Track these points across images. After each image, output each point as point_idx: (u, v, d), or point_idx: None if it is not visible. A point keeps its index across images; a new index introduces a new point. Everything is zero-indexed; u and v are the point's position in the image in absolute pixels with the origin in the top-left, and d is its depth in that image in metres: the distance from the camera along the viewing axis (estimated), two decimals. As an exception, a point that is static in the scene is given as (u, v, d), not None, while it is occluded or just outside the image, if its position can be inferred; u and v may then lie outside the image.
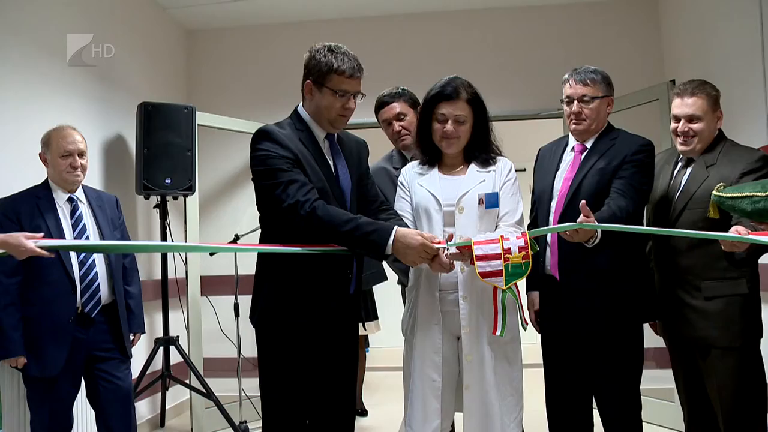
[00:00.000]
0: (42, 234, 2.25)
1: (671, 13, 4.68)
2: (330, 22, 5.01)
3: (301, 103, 2.40)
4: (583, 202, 2.21)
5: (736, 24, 3.71)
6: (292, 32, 5.07)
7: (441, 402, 2.42)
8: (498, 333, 2.25)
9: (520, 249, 2.17)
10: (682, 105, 2.59)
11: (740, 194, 1.70)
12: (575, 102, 2.59)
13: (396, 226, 2.18)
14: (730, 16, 3.79)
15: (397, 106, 3.05)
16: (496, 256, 2.16)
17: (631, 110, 4.27)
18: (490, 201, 2.44)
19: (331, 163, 2.35)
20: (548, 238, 2.60)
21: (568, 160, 2.66)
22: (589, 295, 2.51)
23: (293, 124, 2.35)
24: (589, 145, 2.64)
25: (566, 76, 2.66)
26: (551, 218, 2.62)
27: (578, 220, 2.19)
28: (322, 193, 2.23)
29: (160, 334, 4.09)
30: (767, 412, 2.54)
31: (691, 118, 2.56)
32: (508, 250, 2.15)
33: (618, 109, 4.24)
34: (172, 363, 4.06)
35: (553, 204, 2.61)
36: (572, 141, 2.69)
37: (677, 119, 2.61)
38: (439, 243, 2.24)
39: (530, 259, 2.18)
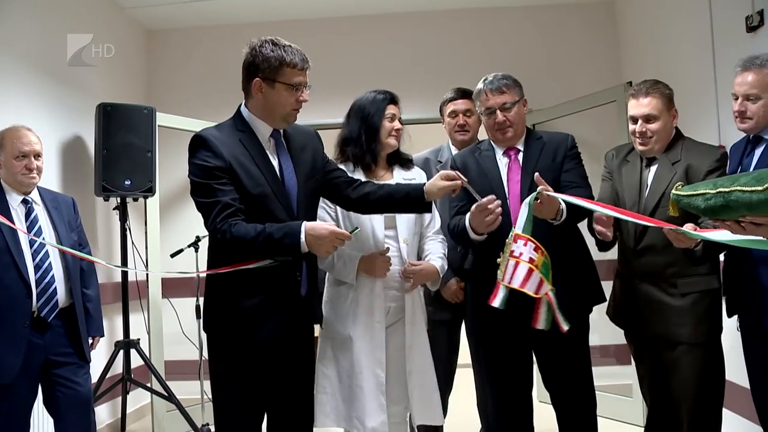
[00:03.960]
0: None
1: (628, 16, 4.76)
2: (291, 22, 5.00)
3: (243, 103, 2.34)
4: (537, 174, 2.35)
5: (688, 28, 3.80)
6: (254, 33, 4.64)
7: (386, 397, 2.55)
8: (565, 328, 2.31)
9: (536, 250, 2.26)
10: (638, 106, 2.63)
11: (695, 192, 1.75)
12: (498, 112, 2.64)
13: (304, 222, 2.15)
14: (683, 20, 3.88)
15: (466, 103, 3.21)
16: (529, 273, 2.24)
17: (588, 111, 4.34)
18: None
19: (276, 163, 2.30)
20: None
21: (504, 163, 2.69)
22: (563, 290, 2.50)
23: (234, 125, 2.30)
24: (520, 146, 2.70)
25: (479, 86, 2.70)
26: (510, 219, 2.60)
27: (538, 189, 2.31)
28: (262, 197, 2.21)
29: (120, 337, 4.03)
30: (722, 404, 2.61)
31: (647, 118, 2.60)
32: (531, 260, 2.24)
33: (576, 110, 4.46)
34: (132, 366, 4.00)
35: (509, 204, 2.61)
36: (498, 148, 2.73)
37: (634, 120, 2.65)
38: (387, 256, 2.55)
39: (545, 251, 2.27)
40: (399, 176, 2.72)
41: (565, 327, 2.29)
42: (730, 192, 1.61)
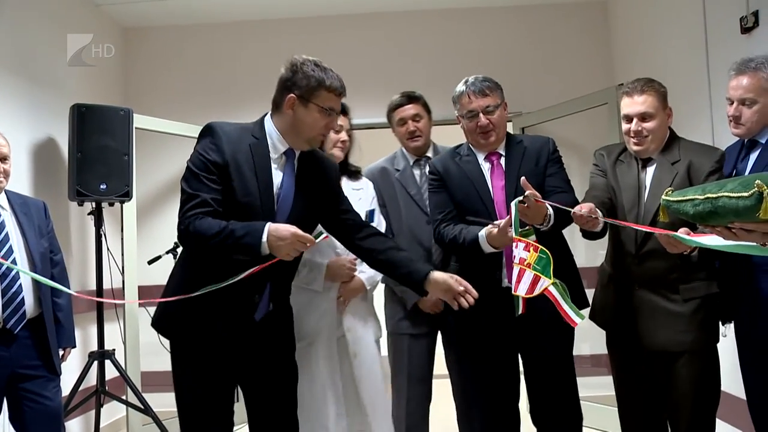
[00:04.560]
0: None
1: (620, 17, 4.76)
2: (275, 21, 4.96)
3: (269, 113, 2.32)
4: (524, 178, 2.31)
5: (682, 29, 3.80)
6: (235, 31, 5.00)
7: (344, 404, 2.68)
8: (578, 321, 2.19)
9: (527, 247, 2.21)
10: (633, 104, 2.56)
11: (684, 198, 1.75)
12: (480, 115, 2.60)
13: (269, 223, 2.12)
14: (676, 21, 3.87)
15: (413, 108, 3.13)
16: (521, 273, 2.20)
17: (579, 114, 4.34)
18: (371, 218, 2.83)
19: (278, 180, 2.26)
20: (504, 251, 2.57)
21: (487, 168, 2.67)
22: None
23: (251, 130, 2.28)
24: (502, 151, 2.68)
25: (461, 88, 2.65)
26: None
27: (526, 193, 2.28)
28: (248, 207, 2.18)
29: (94, 347, 3.94)
30: (716, 413, 2.59)
31: (643, 117, 2.54)
32: (522, 260, 2.21)
33: (567, 113, 4.45)
34: (107, 378, 3.90)
35: (495, 211, 2.59)
36: (479, 152, 2.69)
37: (629, 119, 2.58)
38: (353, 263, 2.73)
39: (539, 246, 2.21)
40: (347, 187, 2.73)
41: (576, 320, 2.17)
42: (718, 198, 1.60)
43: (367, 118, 3.87)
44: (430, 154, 3.14)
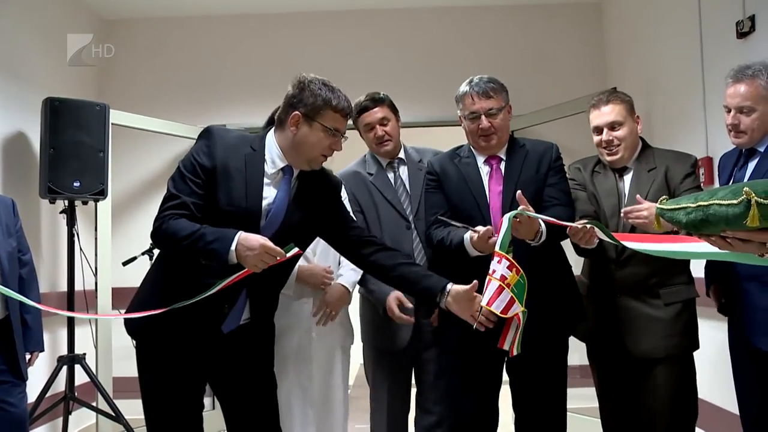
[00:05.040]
0: None
1: (614, 19, 4.76)
2: (260, 16, 4.88)
3: (272, 129, 2.29)
4: (519, 192, 2.31)
5: (677, 33, 3.79)
6: (218, 25, 4.94)
7: (313, 408, 2.73)
8: (515, 352, 2.24)
9: (510, 268, 2.18)
10: (601, 115, 2.66)
11: (677, 206, 1.74)
12: (483, 117, 2.56)
13: (240, 232, 2.09)
14: (671, 25, 3.88)
15: (379, 111, 3.00)
16: (499, 291, 2.17)
17: (572, 117, 4.32)
18: None
19: (272, 196, 2.23)
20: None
21: (486, 172, 2.63)
22: (544, 307, 2.47)
23: (252, 141, 2.27)
24: (503, 155, 2.64)
25: (464, 89, 2.61)
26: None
27: (519, 209, 2.26)
28: (229, 215, 2.15)
29: (64, 351, 3.85)
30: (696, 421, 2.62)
31: (612, 126, 2.63)
32: (503, 278, 2.17)
33: (559, 116, 4.45)
34: (77, 383, 3.82)
35: (491, 217, 2.55)
36: (479, 155, 2.66)
37: (599, 130, 2.67)
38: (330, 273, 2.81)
39: (521, 271, 2.19)
40: None
41: (515, 352, 2.22)
42: (709, 206, 1.60)
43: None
44: (402, 155, 3.07)
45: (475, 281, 2.21)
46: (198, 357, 2.25)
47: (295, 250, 2.12)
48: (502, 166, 2.62)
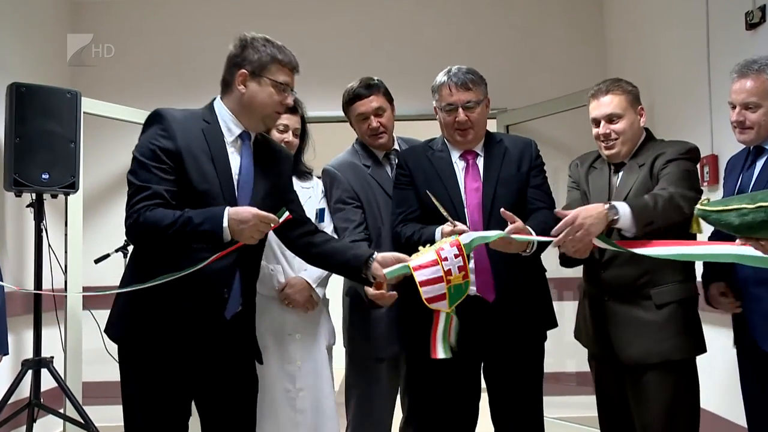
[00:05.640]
0: None
1: (616, 9, 4.72)
2: (234, 1, 4.83)
3: (218, 97, 2.30)
4: (502, 209, 2.29)
5: (682, 26, 3.76)
6: (196, 10, 4.85)
7: (296, 412, 2.70)
8: (441, 355, 2.24)
9: (460, 269, 2.19)
10: (599, 106, 2.57)
11: (726, 207, 1.73)
12: (460, 110, 2.53)
13: (227, 207, 2.09)
14: (676, 18, 3.84)
15: (375, 100, 2.89)
16: (438, 279, 2.17)
17: (568, 112, 4.31)
18: (321, 217, 2.85)
19: (237, 165, 2.24)
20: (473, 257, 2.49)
21: (461, 167, 2.61)
22: (519, 313, 2.50)
23: (202, 115, 2.26)
24: (479, 150, 2.62)
25: (442, 79, 2.58)
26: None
27: (508, 228, 2.23)
28: (207, 195, 2.14)
29: (29, 354, 3.71)
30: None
31: (610, 118, 2.54)
32: (448, 272, 2.17)
33: (555, 111, 4.41)
34: (43, 389, 3.69)
35: (466, 215, 2.53)
36: (454, 149, 2.64)
37: (597, 122, 2.59)
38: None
39: (469, 278, 2.21)
40: (296, 186, 2.69)
41: (440, 355, 2.23)
42: None
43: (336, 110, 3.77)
44: (396, 148, 2.99)
45: None
46: (194, 355, 2.18)
47: (287, 214, 2.16)
48: (480, 161, 2.60)
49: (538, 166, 2.62)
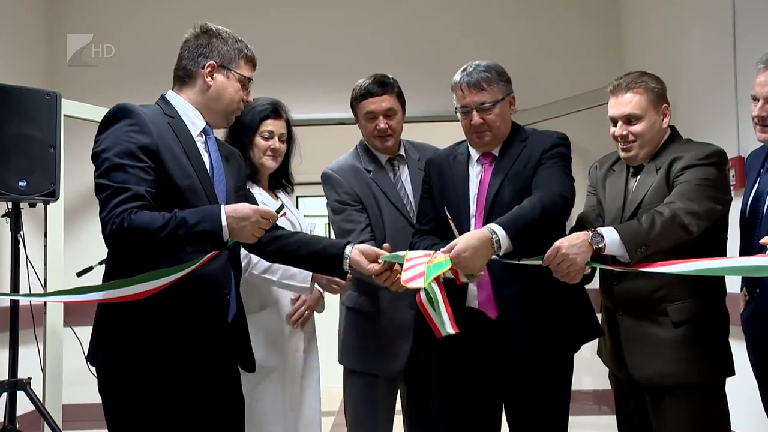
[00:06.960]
0: None
1: (633, 4, 4.71)
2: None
3: (171, 90, 2.31)
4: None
5: (706, 20, 3.72)
6: (184, 5, 4.82)
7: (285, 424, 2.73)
8: (443, 333, 2.18)
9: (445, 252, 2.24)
10: (617, 104, 2.49)
11: None
12: (474, 112, 2.48)
13: (222, 204, 2.08)
14: (699, 11, 3.80)
15: (386, 100, 2.85)
16: (421, 264, 2.21)
17: (584, 112, 4.32)
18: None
19: (207, 159, 2.24)
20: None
21: (477, 172, 2.58)
22: (529, 328, 2.44)
23: (161, 110, 2.22)
24: (497, 152, 2.57)
25: (456, 78, 2.53)
26: None
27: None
28: (190, 192, 2.11)
29: (5, 376, 3.62)
30: None
31: (629, 119, 2.45)
32: (430, 261, 2.21)
33: (571, 110, 4.39)
34: (19, 413, 3.60)
35: (471, 224, 2.51)
36: (474, 152, 2.61)
37: (614, 121, 2.51)
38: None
39: (448, 255, 2.22)
40: (284, 200, 2.78)
41: (444, 332, 2.15)
42: None
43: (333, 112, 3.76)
44: (402, 153, 2.96)
45: None
46: (187, 377, 2.12)
47: (284, 210, 2.18)
48: (494, 163, 2.56)
49: (552, 155, 2.50)
